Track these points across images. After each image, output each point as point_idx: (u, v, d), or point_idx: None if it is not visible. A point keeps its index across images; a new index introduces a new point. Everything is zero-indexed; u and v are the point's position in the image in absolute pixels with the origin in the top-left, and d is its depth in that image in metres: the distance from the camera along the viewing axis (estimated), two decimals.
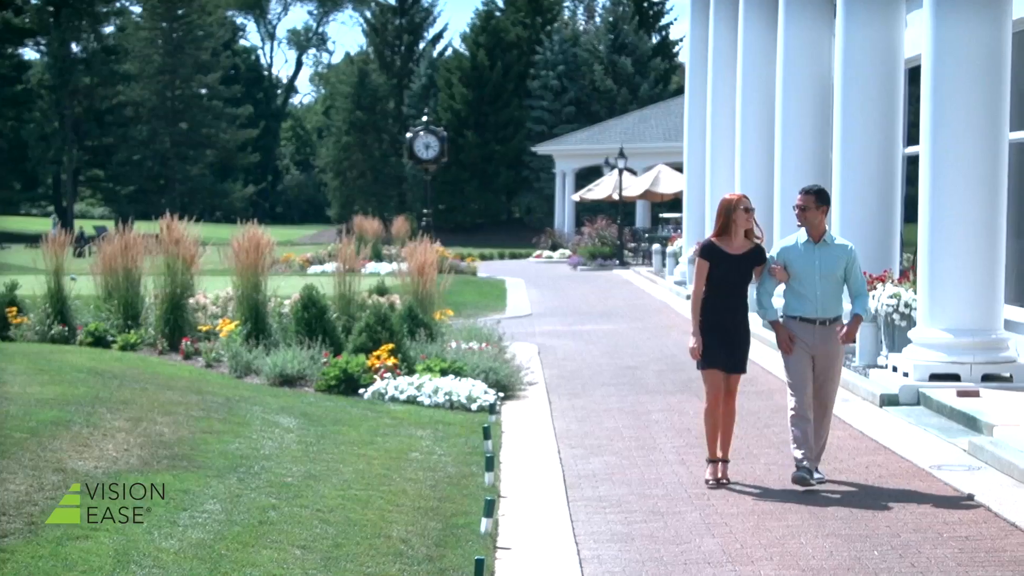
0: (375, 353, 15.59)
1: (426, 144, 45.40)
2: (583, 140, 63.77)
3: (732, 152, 26.84)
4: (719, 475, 10.83)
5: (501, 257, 56.98)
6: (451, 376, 15.18)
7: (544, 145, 66.85)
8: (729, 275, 10.72)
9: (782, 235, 19.79)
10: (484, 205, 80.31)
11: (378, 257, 39.74)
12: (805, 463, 10.59)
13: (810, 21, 21.15)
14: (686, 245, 33.91)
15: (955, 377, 15.01)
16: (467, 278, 37.66)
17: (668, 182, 48.82)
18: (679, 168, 43.27)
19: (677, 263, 35.65)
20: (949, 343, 15.09)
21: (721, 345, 10.77)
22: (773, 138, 22.64)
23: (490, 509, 9.18)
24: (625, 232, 51.27)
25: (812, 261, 10.67)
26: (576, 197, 57.31)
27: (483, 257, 53.69)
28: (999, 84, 15.17)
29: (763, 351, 17.76)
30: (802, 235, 10.80)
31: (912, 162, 19.13)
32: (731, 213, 10.74)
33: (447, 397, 14.47)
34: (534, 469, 11.58)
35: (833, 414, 10.92)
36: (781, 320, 10.86)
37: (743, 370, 10.99)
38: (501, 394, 15.25)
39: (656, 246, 42.89)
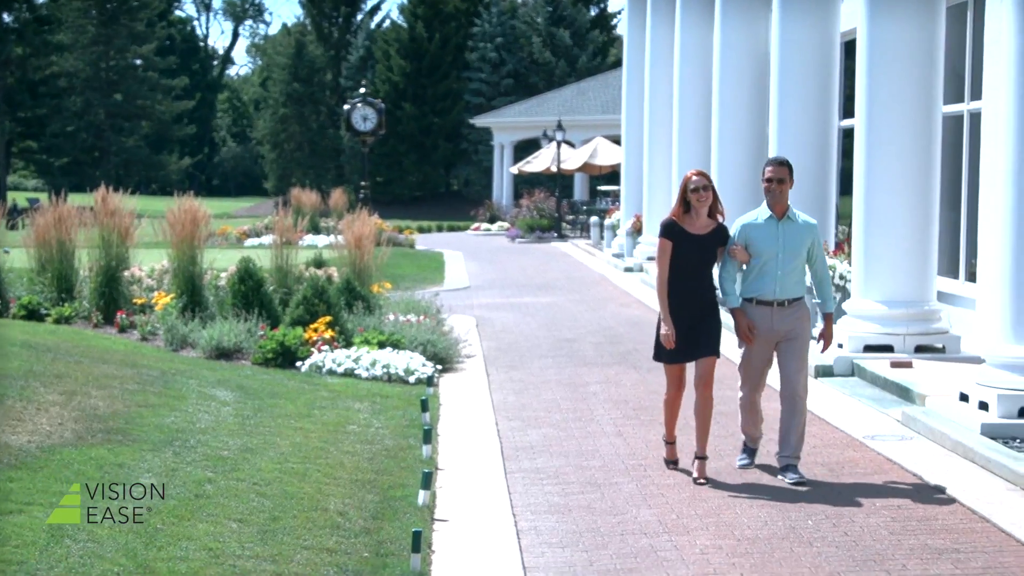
0: (312, 326, 15.53)
1: (364, 116, 45.16)
2: (521, 112, 63.68)
3: (670, 125, 26.92)
4: (679, 458, 10.43)
5: (439, 230, 56.88)
6: (389, 349, 15.16)
7: (482, 117, 66.70)
8: (692, 256, 9.99)
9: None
10: (422, 177, 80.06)
11: (315, 230, 39.54)
12: (751, 446, 10.45)
13: None
14: (624, 218, 34.03)
15: (889, 348, 15.16)
16: (405, 251, 37.60)
17: (606, 155, 48.90)
18: (617, 141, 43.34)
19: (615, 236, 35.76)
20: (883, 314, 15.23)
21: (687, 332, 10.03)
22: (711, 111, 22.71)
23: (427, 481, 9.20)
24: (563, 205, 51.32)
25: (776, 239, 9.96)
26: (514, 170, 57.28)
27: (421, 230, 53.59)
28: (932, 58, 15.30)
29: None
30: (763, 211, 10.08)
31: (847, 135, 19.27)
32: (685, 193, 10.05)
33: (385, 370, 14.44)
34: (472, 441, 11.60)
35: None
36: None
37: (714, 352, 10.15)
38: (439, 367, 15.25)
39: (594, 219, 42.98)
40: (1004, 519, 8.87)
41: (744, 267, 10.11)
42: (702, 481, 9.94)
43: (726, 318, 10.39)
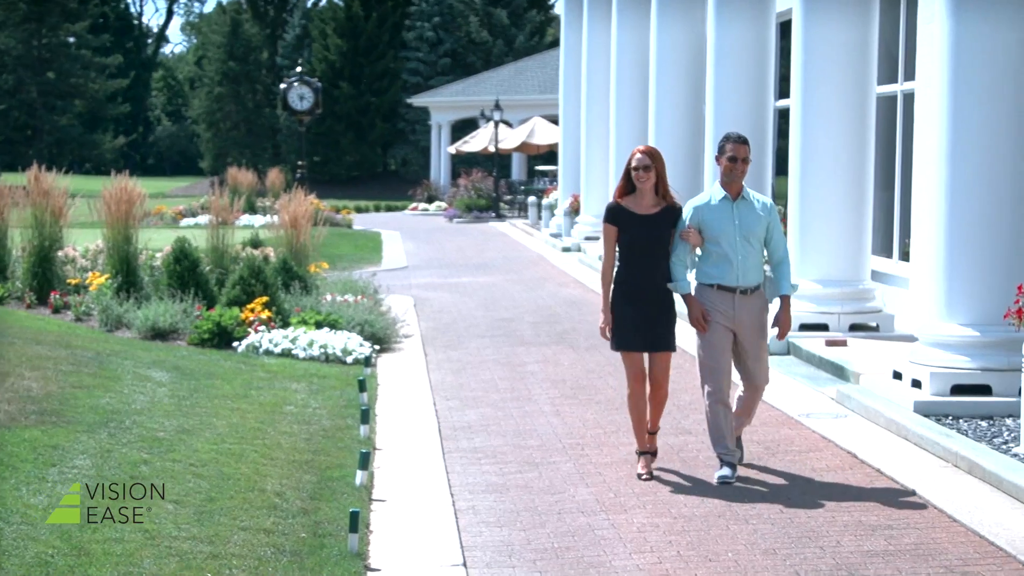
0: (249, 306, 15.44)
1: (300, 95, 44.95)
2: (459, 92, 63.50)
3: (607, 105, 26.97)
4: (648, 469, 9.59)
5: (377, 210, 56.69)
6: (326, 329, 15.11)
7: (420, 97, 66.45)
8: (640, 239, 9.37)
9: None
10: (360, 157, 79.64)
11: (252, 209, 39.30)
12: (728, 458, 9.43)
13: None
14: (561, 198, 34.07)
15: (824, 327, 15.28)
16: (342, 231, 37.46)
17: (544, 134, 48.91)
18: (555, 120, 43.37)
19: (553, 215, 35.77)
20: (818, 294, 15.35)
21: (639, 321, 9.41)
22: (647, 91, 22.78)
23: (365, 461, 9.18)
24: (501, 184, 51.27)
25: (731, 221, 9.30)
26: (452, 149, 57.19)
27: (359, 209, 53.37)
28: (867, 38, 15.41)
29: None
30: (716, 192, 9.45)
31: (783, 115, 19.38)
32: (629, 171, 9.44)
33: (322, 350, 14.40)
34: (410, 421, 11.60)
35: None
36: (694, 292, 9.49)
37: (670, 347, 9.55)
38: (377, 347, 15.21)
39: (532, 198, 42.97)
40: (936, 496, 8.98)
41: (698, 252, 9.50)
42: (647, 477, 9.48)
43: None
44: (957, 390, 11.28)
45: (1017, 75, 11.30)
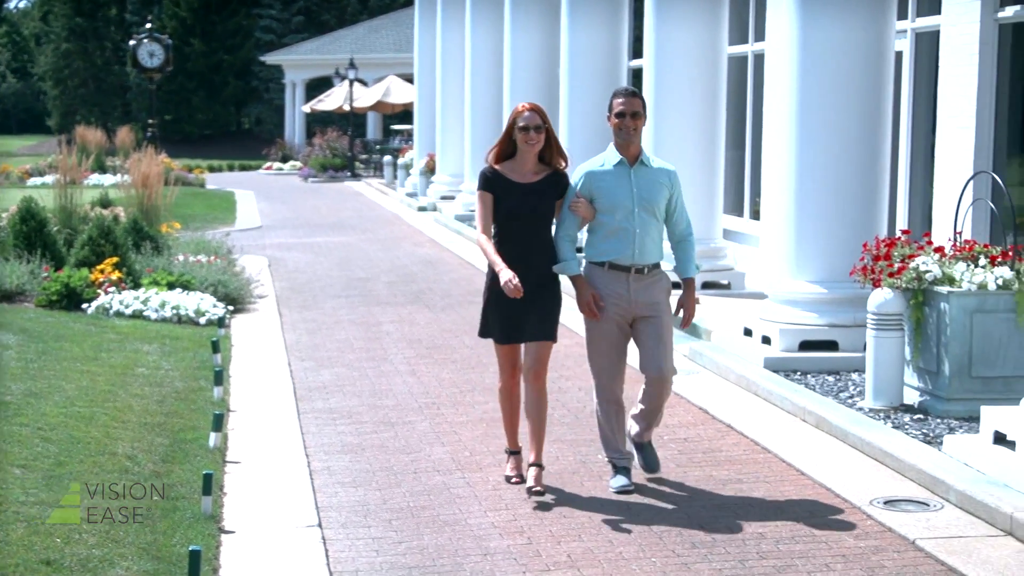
0: (99, 267, 15.17)
1: (150, 52, 44.08)
2: (313, 50, 62.88)
3: (463, 64, 26.91)
4: (525, 475, 8.30)
5: (231, 169, 55.96)
6: (179, 290, 14.91)
7: (273, 55, 65.67)
8: (520, 211, 8.07)
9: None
10: (212, 116, 78.57)
11: (101, 169, 38.54)
12: (623, 463, 8.38)
13: None
14: (417, 157, 33.99)
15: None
16: (195, 190, 36.91)
17: (399, 93, 48.71)
18: (410, 79, 43.16)
19: (408, 175, 35.68)
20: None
21: (517, 307, 8.03)
22: (503, 50, 22.79)
23: (219, 423, 9.10)
24: (356, 144, 50.96)
25: (627, 189, 8.14)
26: (307, 108, 56.66)
27: (212, 169, 52.63)
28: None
29: None
30: (611, 155, 8.24)
31: (637, 75, 19.52)
32: (512, 130, 8.18)
33: (174, 311, 14.20)
34: (264, 382, 11.52)
35: (571, 329, 10.74)
36: (583, 272, 8.28)
37: (551, 337, 8.17)
38: (230, 307, 15.06)
39: (387, 158, 42.81)
40: (784, 450, 9.17)
41: (588, 225, 8.30)
42: (539, 490, 8.11)
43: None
44: (805, 346, 11.51)
45: (865, 32, 11.48)
